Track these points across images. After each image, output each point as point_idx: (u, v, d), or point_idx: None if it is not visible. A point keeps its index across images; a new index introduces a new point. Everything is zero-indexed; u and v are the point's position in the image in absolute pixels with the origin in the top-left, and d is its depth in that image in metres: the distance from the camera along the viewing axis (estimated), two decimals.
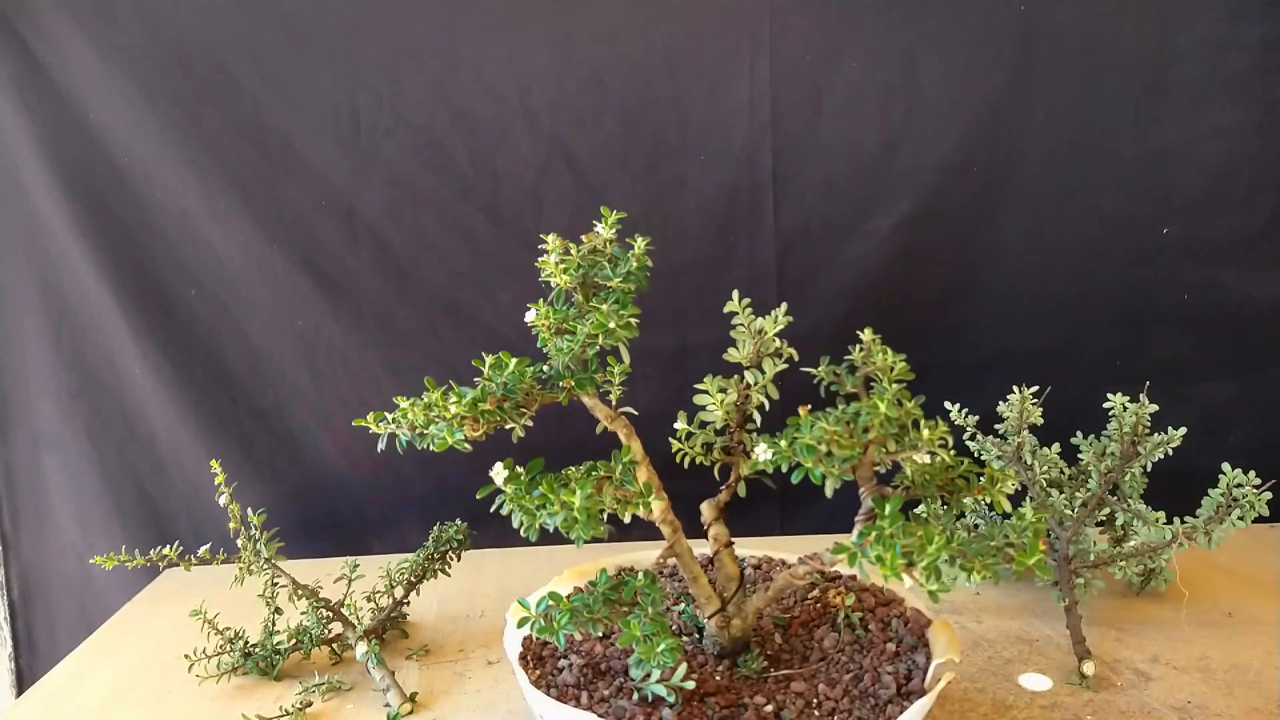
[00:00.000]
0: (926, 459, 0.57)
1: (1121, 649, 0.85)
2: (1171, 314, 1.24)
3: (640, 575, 0.64)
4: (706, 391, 0.67)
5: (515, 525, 0.56)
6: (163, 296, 1.19)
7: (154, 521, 1.23)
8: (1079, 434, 0.95)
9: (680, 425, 0.70)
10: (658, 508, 0.62)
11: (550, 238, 0.64)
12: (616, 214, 0.64)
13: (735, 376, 0.68)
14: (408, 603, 0.91)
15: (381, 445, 0.60)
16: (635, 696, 0.61)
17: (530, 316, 0.61)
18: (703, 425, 0.70)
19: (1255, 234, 1.22)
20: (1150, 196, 1.22)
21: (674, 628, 0.70)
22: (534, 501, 0.55)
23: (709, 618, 0.67)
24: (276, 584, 0.84)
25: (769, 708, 0.61)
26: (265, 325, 1.22)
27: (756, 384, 0.66)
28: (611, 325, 0.59)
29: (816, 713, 0.61)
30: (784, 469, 0.55)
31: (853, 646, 0.69)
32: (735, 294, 0.68)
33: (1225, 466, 0.80)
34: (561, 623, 0.59)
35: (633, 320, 0.60)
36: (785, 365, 0.66)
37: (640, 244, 0.64)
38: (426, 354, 1.23)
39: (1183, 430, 0.86)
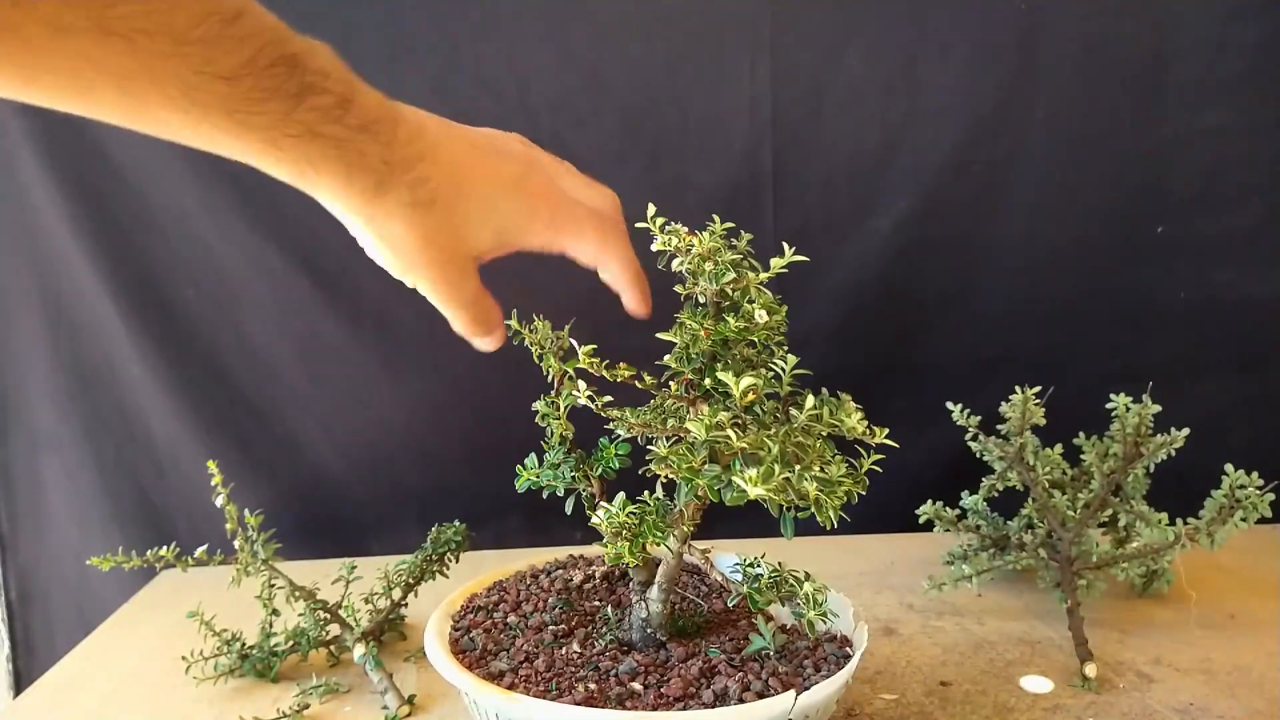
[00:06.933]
0: None
1: (1124, 651, 0.85)
2: (1173, 314, 1.24)
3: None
4: None
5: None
6: (161, 296, 1.18)
7: (152, 522, 1.23)
8: (1081, 435, 0.95)
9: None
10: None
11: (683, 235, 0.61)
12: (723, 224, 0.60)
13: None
14: (406, 604, 0.90)
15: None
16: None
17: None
18: None
19: (1253, 232, 1.22)
20: (1150, 195, 1.21)
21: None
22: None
23: None
24: (274, 585, 0.83)
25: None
26: (264, 325, 1.21)
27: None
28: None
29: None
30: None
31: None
32: None
33: (1228, 467, 0.80)
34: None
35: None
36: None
37: (743, 240, 0.61)
38: (426, 354, 1.22)
39: (1185, 431, 0.86)
